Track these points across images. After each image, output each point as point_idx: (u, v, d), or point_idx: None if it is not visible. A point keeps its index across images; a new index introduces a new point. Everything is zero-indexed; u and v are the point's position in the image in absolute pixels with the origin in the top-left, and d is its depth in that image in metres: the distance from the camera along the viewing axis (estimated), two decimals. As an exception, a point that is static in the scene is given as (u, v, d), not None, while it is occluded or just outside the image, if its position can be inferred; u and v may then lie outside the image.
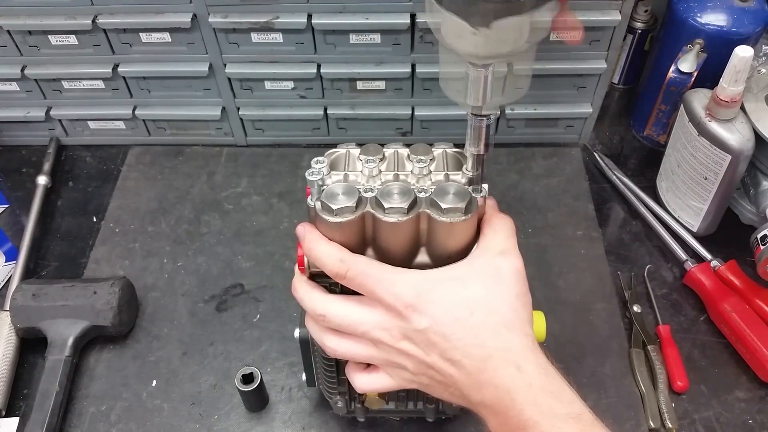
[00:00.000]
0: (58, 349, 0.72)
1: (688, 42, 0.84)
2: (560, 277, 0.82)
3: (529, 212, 0.89)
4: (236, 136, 0.97)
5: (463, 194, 0.51)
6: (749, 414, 0.71)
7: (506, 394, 0.45)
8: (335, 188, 0.51)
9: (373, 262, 0.50)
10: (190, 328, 0.78)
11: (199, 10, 0.82)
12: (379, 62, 0.87)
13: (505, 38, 0.42)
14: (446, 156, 0.56)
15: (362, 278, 0.49)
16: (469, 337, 0.47)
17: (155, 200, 0.91)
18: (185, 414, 0.71)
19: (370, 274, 0.49)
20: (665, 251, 0.85)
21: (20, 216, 0.90)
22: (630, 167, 0.94)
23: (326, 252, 0.50)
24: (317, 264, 0.51)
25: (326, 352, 0.54)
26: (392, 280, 0.48)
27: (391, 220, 0.49)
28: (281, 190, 0.92)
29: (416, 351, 0.48)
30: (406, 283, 0.48)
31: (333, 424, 0.70)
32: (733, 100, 0.73)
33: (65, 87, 0.91)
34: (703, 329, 0.78)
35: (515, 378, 0.45)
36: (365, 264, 0.49)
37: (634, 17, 0.96)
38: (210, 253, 0.85)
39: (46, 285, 0.76)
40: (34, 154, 0.98)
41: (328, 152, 0.56)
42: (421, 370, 0.49)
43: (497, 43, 0.42)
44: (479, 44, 0.42)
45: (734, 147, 0.74)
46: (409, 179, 0.54)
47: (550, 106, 0.93)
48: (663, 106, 0.90)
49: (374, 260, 0.51)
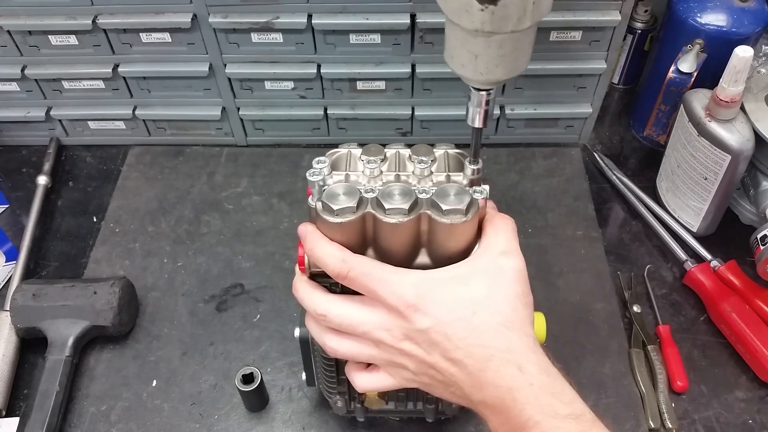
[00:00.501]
0: (58, 349, 0.72)
1: (688, 42, 0.84)
2: (560, 277, 0.82)
3: (529, 212, 0.89)
4: (236, 136, 0.97)
5: (464, 195, 0.51)
6: (749, 414, 0.71)
7: (507, 394, 0.45)
8: (336, 188, 0.51)
9: (375, 263, 0.50)
10: (190, 328, 0.78)
11: (199, 10, 0.82)
12: (379, 62, 0.87)
13: (510, 15, 0.43)
14: (447, 157, 0.56)
15: (364, 278, 0.49)
16: (471, 337, 0.47)
17: (155, 200, 0.91)
18: (185, 414, 0.71)
19: (371, 274, 0.49)
20: (665, 251, 0.85)
21: (20, 216, 0.90)
22: (630, 167, 0.94)
23: (328, 252, 0.50)
24: (319, 264, 0.51)
25: (327, 352, 0.54)
26: (394, 281, 0.48)
27: (391, 221, 0.49)
28: (281, 190, 0.92)
29: (418, 351, 0.49)
30: (408, 283, 0.48)
31: (333, 424, 0.70)
32: (733, 101, 0.73)
33: (65, 87, 0.91)
34: (703, 329, 0.78)
35: (516, 378, 0.46)
36: (367, 264, 0.49)
37: (634, 17, 0.96)
38: (210, 253, 0.85)
39: (46, 285, 0.76)
40: (34, 154, 0.98)
41: (330, 152, 0.56)
42: (423, 369, 0.49)
43: (501, 20, 0.43)
44: (486, 20, 0.43)
45: (734, 147, 0.74)
46: (410, 180, 0.54)
47: (550, 106, 0.93)
48: (663, 106, 0.90)
49: (376, 261, 0.51)
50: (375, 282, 0.49)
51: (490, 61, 0.46)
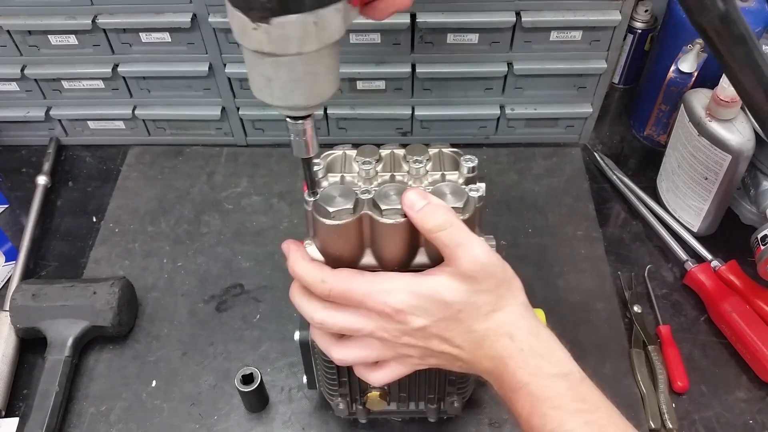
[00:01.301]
0: (57, 350, 0.72)
1: (688, 42, 0.84)
2: (560, 277, 0.82)
3: (529, 212, 0.89)
4: (236, 136, 0.97)
5: (460, 194, 0.51)
6: (749, 414, 0.71)
7: (501, 361, 0.49)
8: (332, 190, 0.51)
9: (354, 276, 0.50)
10: (190, 329, 0.78)
11: (199, 10, 0.82)
12: (379, 62, 0.87)
13: (290, 35, 0.42)
14: (442, 156, 0.56)
15: (347, 295, 0.50)
16: (461, 328, 0.50)
17: (155, 200, 0.91)
18: (185, 414, 0.71)
19: (353, 290, 0.50)
20: (665, 251, 0.85)
21: (20, 216, 0.90)
22: (630, 167, 0.94)
23: (308, 273, 0.51)
24: (301, 283, 0.52)
25: (336, 363, 0.55)
26: (377, 291, 0.49)
27: (388, 222, 0.49)
28: (281, 190, 0.92)
29: (419, 343, 0.51)
30: (392, 292, 0.49)
31: (333, 425, 0.70)
32: (733, 100, 0.73)
33: (65, 87, 0.91)
34: (703, 329, 0.78)
35: (508, 346, 0.49)
36: (346, 280, 0.50)
37: (634, 17, 0.96)
38: (210, 253, 0.85)
39: (46, 285, 0.76)
40: (33, 154, 0.97)
41: (324, 154, 0.55)
42: (428, 354, 0.52)
43: (281, 41, 0.42)
44: (262, 40, 0.42)
45: (734, 147, 0.74)
46: (405, 180, 0.53)
47: (550, 106, 0.92)
48: (663, 106, 0.90)
49: (355, 272, 0.51)
50: (359, 296, 0.49)
51: (285, 86, 0.45)
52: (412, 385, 0.63)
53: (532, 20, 0.82)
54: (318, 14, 0.42)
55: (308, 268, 0.51)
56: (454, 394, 0.64)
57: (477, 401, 0.71)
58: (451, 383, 0.63)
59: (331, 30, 0.44)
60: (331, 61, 0.46)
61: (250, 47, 0.43)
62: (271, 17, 0.41)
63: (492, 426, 0.70)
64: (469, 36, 0.84)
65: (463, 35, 0.84)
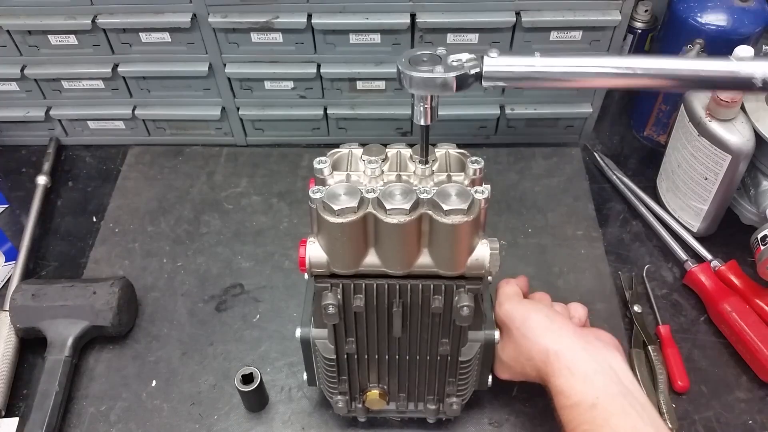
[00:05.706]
0: (57, 349, 0.72)
1: (688, 42, 0.83)
2: (560, 277, 0.82)
3: (529, 212, 0.89)
4: (236, 136, 0.97)
5: (465, 195, 0.50)
6: (749, 414, 0.71)
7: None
8: (337, 189, 0.51)
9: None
10: (189, 328, 0.78)
11: (198, 10, 0.82)
12: (379, 62, 0.87)
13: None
14: (449, 157, 0.56)
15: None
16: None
17: (155, 200, 0.91)
18: (185, 414, 0.71)
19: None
20: (665, 251, 0.85)
21: (20, 216, 0.90)
22: (630, 167, 0.94)
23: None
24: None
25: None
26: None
27: (392, 221, 0.49)
28: (281, 190, 0.92)
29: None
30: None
31: (333, 424, 0.70)
32: (733, 101, 0.73)
33: (65, 87, 0.91)
34: (703, 329, 0.78)
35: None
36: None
37: (634, 17, 0.96)
38: (210, 253, 0.85)
39: (46, 285, 0.76)
40: (33, 154, 0.97)
41: (331, 152, 0.56)
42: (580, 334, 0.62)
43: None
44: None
45: (734, 147, 0.74)
46: (411, 180, 0.53)
47: (550, 106, 0.92)
48: (663, 106, 0.90)
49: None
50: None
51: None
52: (412, 385, 0.63)
53: (532, 20, 0.82)
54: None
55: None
56: (453, 395, 0.64)
57: (477, 401, 0.71)
58: (451, 384, 0.63)
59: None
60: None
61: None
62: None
63: (492, 426, 0.70)
64: (469, 36, 0.84)
65: (463, 35, 0.84)
